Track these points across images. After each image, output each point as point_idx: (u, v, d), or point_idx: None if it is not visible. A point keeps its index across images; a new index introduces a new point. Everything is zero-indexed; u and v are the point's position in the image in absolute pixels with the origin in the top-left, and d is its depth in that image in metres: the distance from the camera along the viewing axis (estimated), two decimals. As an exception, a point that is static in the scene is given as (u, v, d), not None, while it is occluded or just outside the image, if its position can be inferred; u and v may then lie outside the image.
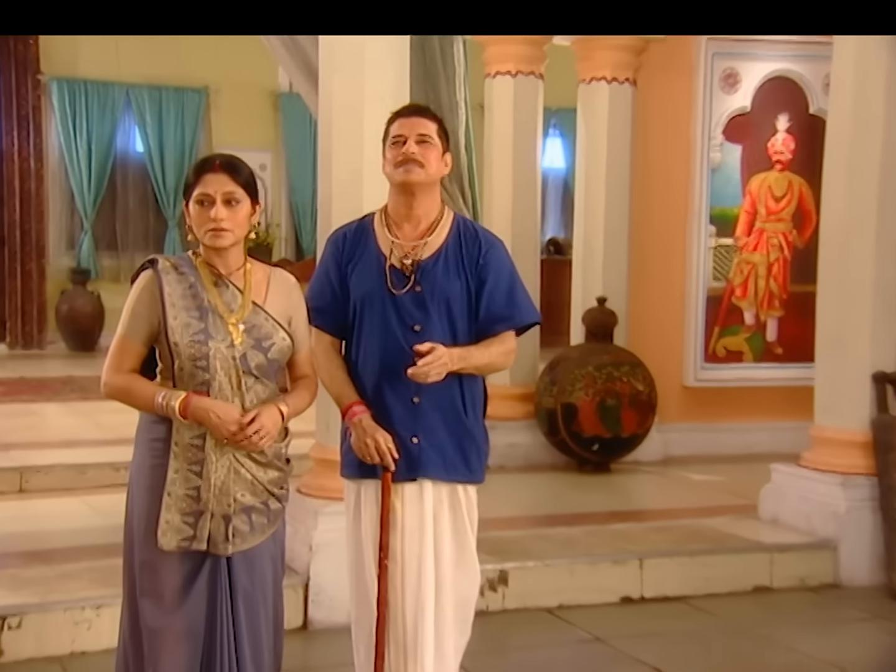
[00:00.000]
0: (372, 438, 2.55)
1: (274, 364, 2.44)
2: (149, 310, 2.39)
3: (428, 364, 2.47)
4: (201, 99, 10.34)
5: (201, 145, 10.33)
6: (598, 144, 6.23)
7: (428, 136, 2.60)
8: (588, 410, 5.67)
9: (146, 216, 10.41)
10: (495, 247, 2.66)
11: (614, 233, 6.23)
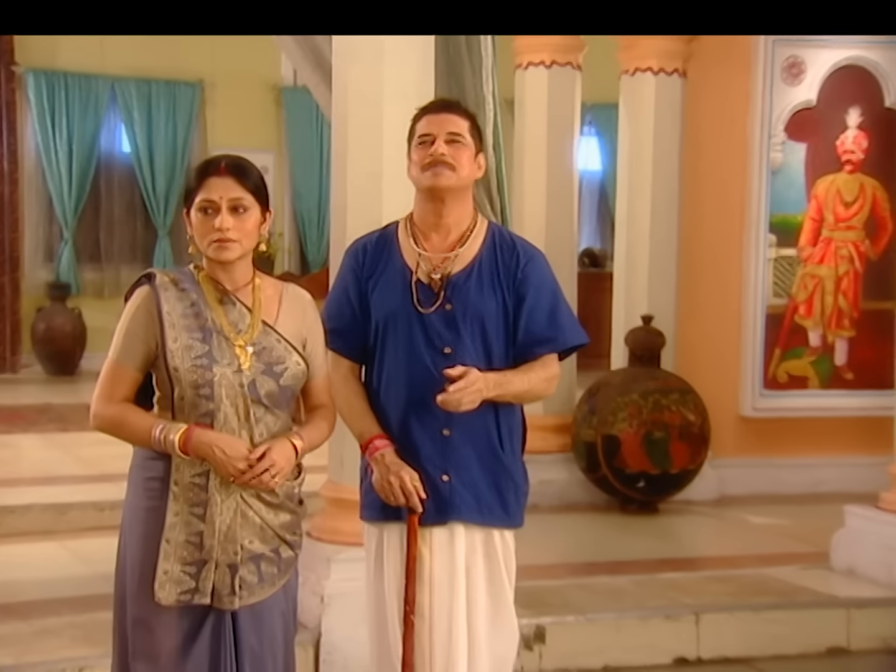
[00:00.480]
0: (396, 476, 2.55)
1: (287, 392, 2.44)
2: (145, 331, 2.39)
3: (460, 390, 2.47)
4: (195, 94, 10.40)
5: (195, 145, 10.39)
6: (642, 144, 6.23)
7: (459, 134, 2.60)
8: (632, 443, 5.66)
9: (133, 225, 10.44)
10: (535, 259, 2.66)
11: (661, 243, 6.23)
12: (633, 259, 6.28)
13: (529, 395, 2.65)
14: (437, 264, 2.62)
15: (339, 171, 3.98)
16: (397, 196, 3.76)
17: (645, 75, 6.16)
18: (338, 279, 2.76)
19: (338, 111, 4.01)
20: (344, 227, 3.88)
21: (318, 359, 2.53)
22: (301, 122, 10.68)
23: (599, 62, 6.48)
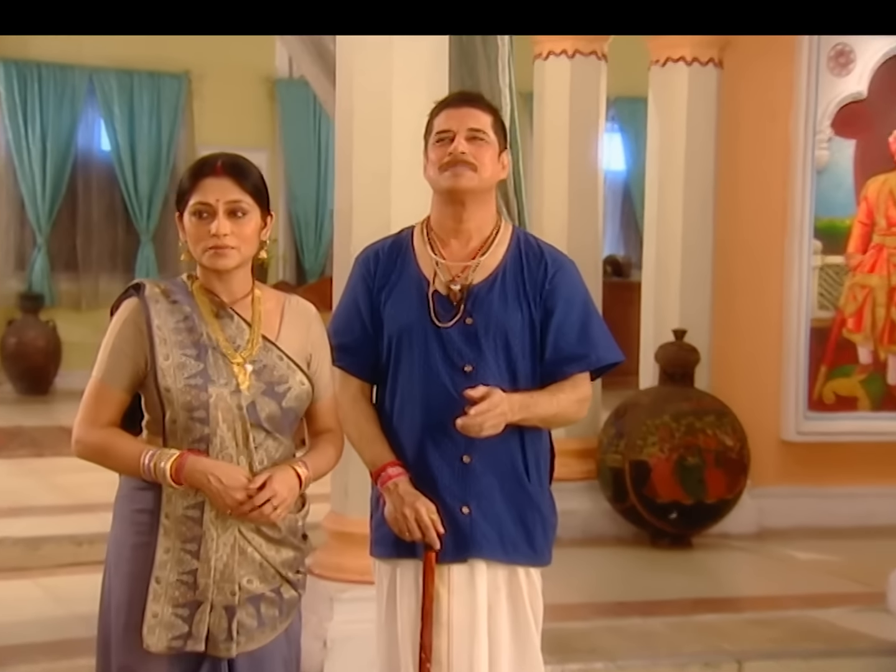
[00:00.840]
0: (411, 508, 2.55)
1: (289, 414, 2.44)
2: (133, 347, 2.39)
3: (482, 413, 2.46)
4: (181, 86, 10.42)
5: (181, 143, 10.41)
6: (673, 141, 6.24)
7: (481, 130, 2.60)
8: (663, 470, 5.65)
9: (113, 230, 10.46)
10: (565, 269, 2.66)
11: (694, 250, 6.22)
12: (664, 267, 6.27)
13: (558, 419, 2.65)
14: (457, 274, 2.62)
15: (344, 171, 4.00)
16: (407, 199, 3.79)
17: (677, 66, 6.15)
18: (346, 290, 2.76)
19: (342, 106, 4.02)
20: (349, 234, 3.90)
21: (324, 378, 2.53)
22: (297, 118, 10.70)
23: (625, 51, 6.48)
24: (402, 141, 3.81)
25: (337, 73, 4.05)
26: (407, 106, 3.82)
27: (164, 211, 10.27)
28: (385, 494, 2.59)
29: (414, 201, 3.76)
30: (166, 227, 10.37)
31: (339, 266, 4.02)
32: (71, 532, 5.12)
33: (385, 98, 3.82)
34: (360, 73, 3.88)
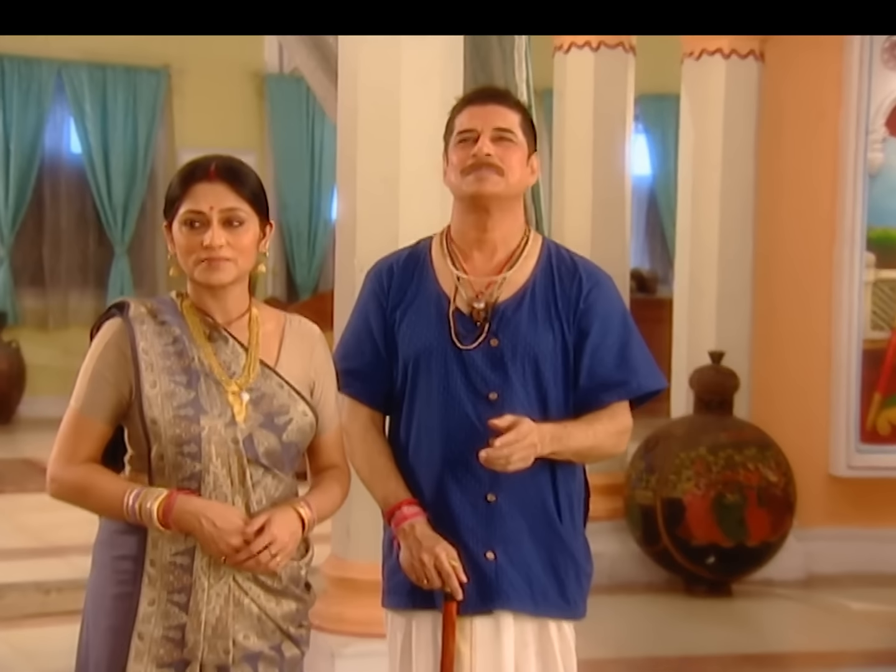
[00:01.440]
0: (429, 554, 2.53)
1: (291, 449, 2.43)
2: (116, 373, 2.38)
3: (509, 444, 2.45)
4: (160, 82, 10.47)
5: (160, 145, 10.46)
6: (709, 143, 6.24)
7: (508, 130, 2.60)
8: (700, 509, 5.63)
9: (84, 241, 10.50)
10: (601, 285, 2.66)
11: (733, 263, 6.23)
12: (698, 283, 6.28)
13: (595, 453, 2.64)
14: (481, 290, 2.62)
15: (347, 177, 4.02)
16: (418, 208, 3.83)
17: (713, 59, 6.16)
18: (356, 309, 2.76)
19: (344, 104, 4.04)
20: (352, 247, 3.93)
21: (330, 408, 2.52)
22: (288, 117, 10.75)
23: (652, 43, 6.49)
24: (412, 143, 3.85)
25: (339, 67, 4.08)
26: (417, 104, 3.86)
27: (140, 220, 10.31)
28: (400, 537, 2.58)
29: (425, 210, 3.81)
30: (143, 237, 10.41)
31: (342, 282, 4.04)
32: (38, 579, 5.12)
33: (393, 95, 3.85)
34: (366, 68, 3.91)
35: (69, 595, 4.86)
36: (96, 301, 10.32)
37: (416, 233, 3.51)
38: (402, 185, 3.83)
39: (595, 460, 2.69)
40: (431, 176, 3.82)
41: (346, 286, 3.98)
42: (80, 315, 10.25)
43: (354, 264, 3.88)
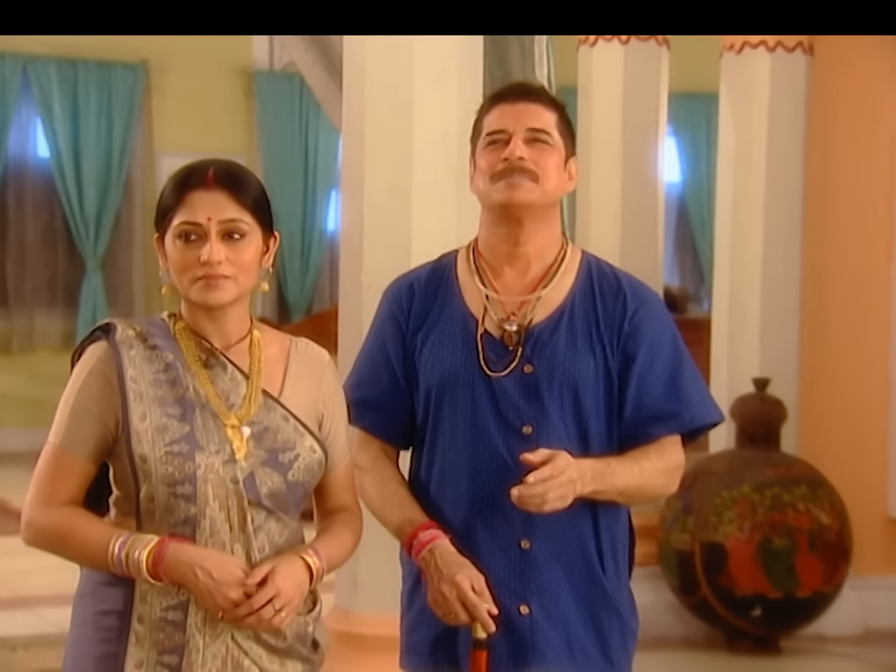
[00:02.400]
0: (450, 584, 2.49)
1: (297, 490, 2.42)
2: (101, 405, 2.36)
3: (544, 481, 2.43)
4: (137, 79, 10.49)
5: (137, 148, 10.47)
6: (752, 146, 6.26)
7: (543, 131, 2.60)
8: (744, 555, 5.61)
9: (53, 255, 10.51)
10: (649, 304, 2.66)
11: (778, 280, 6.25)
12: (740, 301, 6.29)
13: (642, 493, 2.63)
14: (513, 311, 2.62)
15: (353, 184, 4.03)
16: (431, 217, 3.85)
17: (756, 52, 6.18)
18: (372, 332, 2.76)
19: (350, 104, 4.05)
20: (359, 261, 3.94)
21: (340, 443, 2.51)
22: (279, 118, 10.78)
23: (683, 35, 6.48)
24: (425, 147, 3.88)
25: (344, 63, 4.09)
26: (432, 103, 3.89)
27: (114, 232, 10.32)
28: (421, 566, 2.55)
29: (440, 221, 3.82)
30: (117, 251, 10.42)
31: (347, 301, 4.06)
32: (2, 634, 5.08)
33: (405, 93, 3.86)
34: (374, 63, 3.91)
35: (38, 653, 4.83)
36: (65, 322, 10.32)
37: (429, 246, 3.50)
38: (415, 193, 3.84)
39: (642, 501, 2.69)
40: (447, 183, 3.87)
41: (351, 305, 3.99)
42: (48, 338, 10.25)
43: (361, 281, 3.90)
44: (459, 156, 3.86)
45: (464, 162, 3.87)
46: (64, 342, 10.14)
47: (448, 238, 3.76)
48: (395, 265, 3.66)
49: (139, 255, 10.35)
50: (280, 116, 10.75)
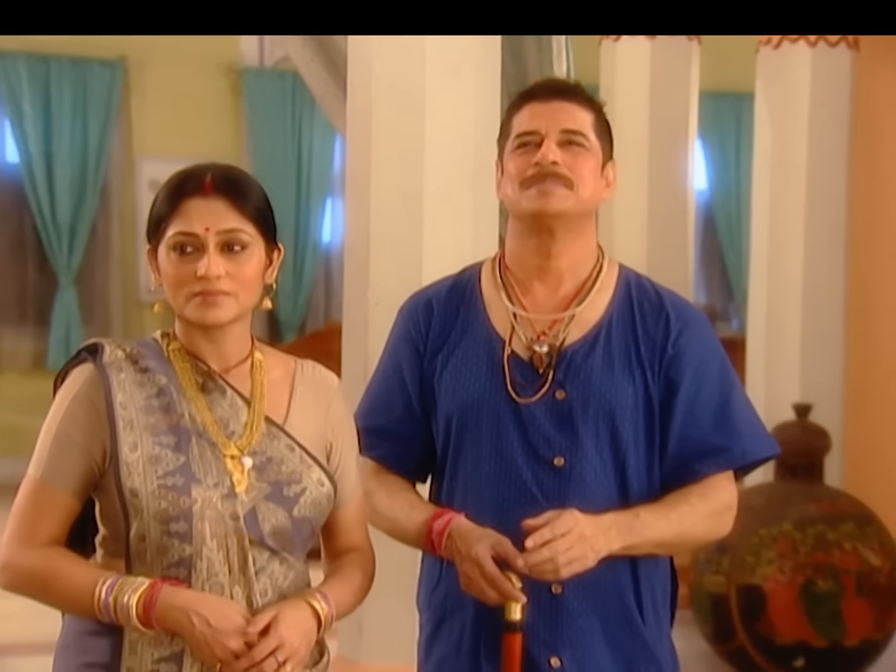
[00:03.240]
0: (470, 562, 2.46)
1: (303, 527, 2.42)
2: (86, 434, 2.36)
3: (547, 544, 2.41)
4: (115, 77, 10.48)
5: (115, 152, 10.45)
6: (791, 148, 6.31)
7: (579, 133, 2.61)
8: (784, 599, 5.58)
9: (22, 268, 10.49)
10: (694, 325, 2.66)
11: (820, 296, 6.29)
12: (778, 320, 6.32)
13: (682, 542, 2.62)
14: (544, 330, 2.62)
15: (359, 191, 4.04)
16: (445, 228, 3.88)
17: (796, 46, 6.22)
18: (386, 354, 2.78)
19: (355, 105, 4.07)
20: (366, 276, 3.95)
21: (350, 476, 2.52)
22: (270, 119, 10.76)
23: (712, 30, 6.52)
24: (438, 150, 3.90)
25: (349, 59, 4.10)
26: (445, 102, 3.91)
27: (90, 244, 10.30)
28: (446, 555, 2.54)
29: (455, 232, 3.83)
30: (93, 265, 10.40)
31: (352, 320, 4.07)
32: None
33: (415, 92, 3.88)
34: (382, 60, 3.93)
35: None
36: (36, 342, 10.30)
37: (443, 259, 3.49)
38: (427, 200, 3.85)
39: (686, 550, 2.74)
40: (462, 189, 3.87)
41: (356, 324, 4.00)
42: (17, 358, 10.24)
43: (367, 297, 3.92)
44: (475, 159, 3.89)
45: (480, 166, 3.91)
46: (34, 364, 10.13)
47: (463, 250, 3.77)
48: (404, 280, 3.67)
49: (117, 268, 10.32)
50: (271, 118, 10.72)
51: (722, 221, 11.74)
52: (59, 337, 10.06)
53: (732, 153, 11.48)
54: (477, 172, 3.91)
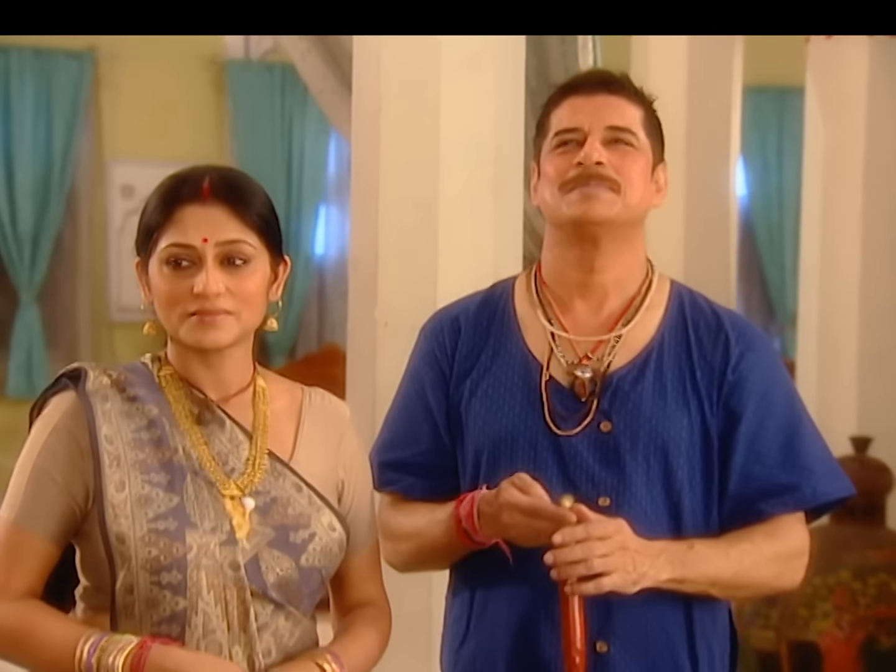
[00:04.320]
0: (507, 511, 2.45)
1: (312, 578, 2.42)
2: (67, 471, 2.37)
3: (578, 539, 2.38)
4: (84, 70, 10.49)
5: (83, 154, 10.47)
6: (847, 149, 6.31)
7: (628, 130, 2.62)
8: (843, 657, 5.59)
9: (-22, 285, 10.48)
10: (756, 347, 2.67)
11: (879, 313, 6.28)
12: (832, 342, 6.32)
13: (742, 584, 2.60)
14: (586, 353, 2.63)
15: (364, 198, 4.04)
16: (463, 238, 3.94)
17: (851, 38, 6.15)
18: (407, 379, 2.78)
19: (362, 103, 4.07)
20: (373, 293, 3.94)
21: (364, 520, 2.54)
22: (257, 117, 10.79)
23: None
24: (455, 152, 3.88)
25: (355, 50, 4.10)
26: (463, 98, 3.88)
27: (55, 257, 10.31)
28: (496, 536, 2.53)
29: (474, 244, 3.87)
30: (58, 280, 10.40)
31: (358, 343, 4.06)
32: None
33: (430, 87, 3.87)
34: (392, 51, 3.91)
35: None
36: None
37: (460, 274, 3.50)
38: (442, 208, 3.83)
39: (747, 595, 2.73)
40: (482, 196, 3.89)
41: (363, 347, 3.99)
42: (-28, 385, 10.25)
43: (375, 317, 3.90)
44: (496, 162, 3.89)
45: (502, 169, 3.91)
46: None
47: (483, 265, 3.77)
48: (417, 298, 3.67)
49: (85, 284, 10.32)
50: (258, 115, 10.74)
51: (762, 232, 11.71)
52: (19, 361, 10.07)
53: (774, 155, 11.48)
54: (498, 177, 3.91)
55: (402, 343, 3.68)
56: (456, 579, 2.74)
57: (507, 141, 3.94)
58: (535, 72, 4.51)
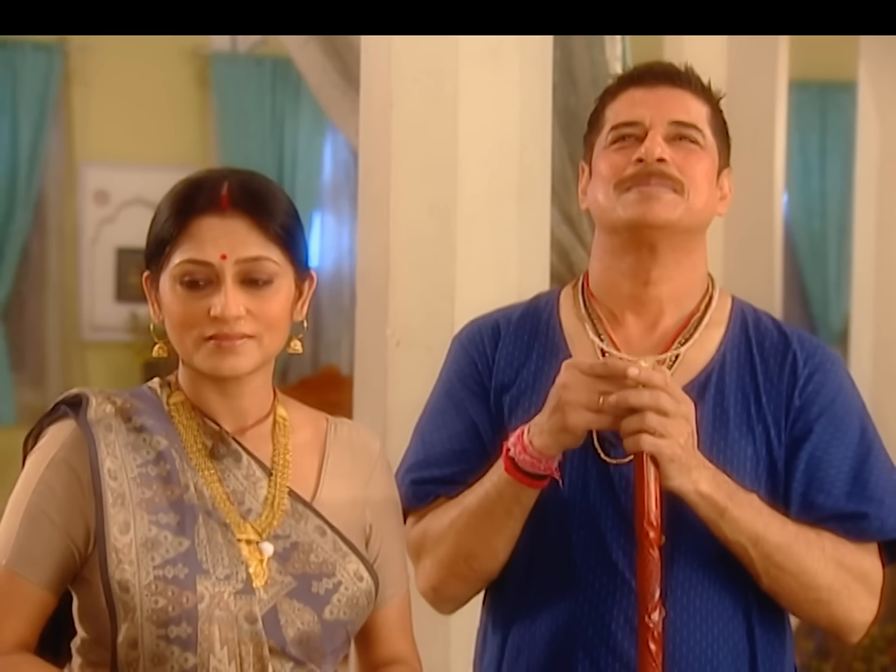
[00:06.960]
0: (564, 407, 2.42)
1: (336, 633, 2.42)
2: (65, 510, 2.37)
3: (657, 396, 2.38)
4: (53, 64, 10.52)
5: (52, 156, 10.50)
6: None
7: (693, 127, 2.62)
8: None
9: (-62, 301, 10.50)
10: (827, 369, 2.66)
11: None
12: (887, 359, 6.38)
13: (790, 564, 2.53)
14: None
15: (374, 204, 4.07)
16: (483, 248, 3.93)
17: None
18: (439, 393, 2.78)
19: (371, 102, 4.10)
20: (384, 308, 3.95)
21: (394, 567, 2.54)
22: (244, 115, 10.81)
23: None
24: (475, 155, 3.90)
25: (364, 42, 4.11)
26: (483, 93, 3.90)
27: (21, 269, 10.33)
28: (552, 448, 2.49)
29: (495, 254, 3.90)
30: (24, 296, 10.42)
31: (366, 365, 4.09)
32: None
33: (447, 80, 3.88)
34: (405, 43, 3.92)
35: None
36: (-46, 388, 10.33)
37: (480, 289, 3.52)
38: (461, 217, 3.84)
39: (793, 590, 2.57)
40: (504, 201, 3.92)
41: (372, 369, 4.02)
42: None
43: (386, 335, 3.92)
44: (521, 164, 3.91)
45: (526, 172, 3.93)
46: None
47: (505, 278, 3.78)
48: (432, 315, 3.68)
49: (54, 300, 10.34)
50: (245, 113, 10.75)
51: (803, 242, 11.67)
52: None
53: (816, 158, 11.46)
54: (523, 180, 3.91)
55: (415, 364, 3.67)
56: (488, 623, 2.74)
57: (533, 140, 3.94)
58: (557, 65, 4.50)
